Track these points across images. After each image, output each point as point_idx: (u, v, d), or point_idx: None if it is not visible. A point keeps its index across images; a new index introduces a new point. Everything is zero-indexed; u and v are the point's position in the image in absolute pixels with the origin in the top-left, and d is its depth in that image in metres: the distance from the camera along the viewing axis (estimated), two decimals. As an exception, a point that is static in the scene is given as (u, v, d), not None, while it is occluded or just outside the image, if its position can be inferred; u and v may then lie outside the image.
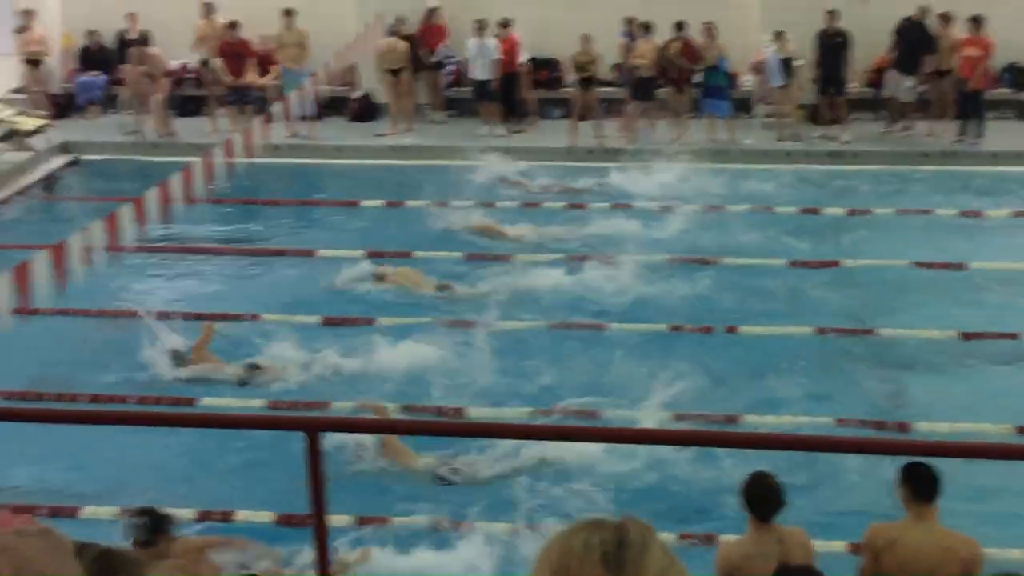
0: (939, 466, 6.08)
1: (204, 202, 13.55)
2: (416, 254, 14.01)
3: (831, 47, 18.14)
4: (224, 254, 14.19)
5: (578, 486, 8.78)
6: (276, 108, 16.15)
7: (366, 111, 19.98)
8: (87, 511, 8.83)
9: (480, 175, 16.90)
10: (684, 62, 18.10)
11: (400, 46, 18.87)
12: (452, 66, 19.91)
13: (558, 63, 20.03)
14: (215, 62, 19.03)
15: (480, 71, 18.71)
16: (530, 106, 19.52)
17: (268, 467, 9.18)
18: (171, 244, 14.25)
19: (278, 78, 19.03)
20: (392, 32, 18.94)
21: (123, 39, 20.01)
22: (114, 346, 11.64)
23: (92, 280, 10.46)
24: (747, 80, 19.55)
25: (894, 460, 6.45)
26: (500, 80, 18.76)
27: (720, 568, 6.21)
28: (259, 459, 9.35)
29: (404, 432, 9.42)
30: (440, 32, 19.72)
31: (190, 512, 8.48)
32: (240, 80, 18.92)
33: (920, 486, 6.11)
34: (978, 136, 18.03)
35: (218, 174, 12.06)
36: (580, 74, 18.39)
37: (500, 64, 18.59)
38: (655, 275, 13.25)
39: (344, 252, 14.15)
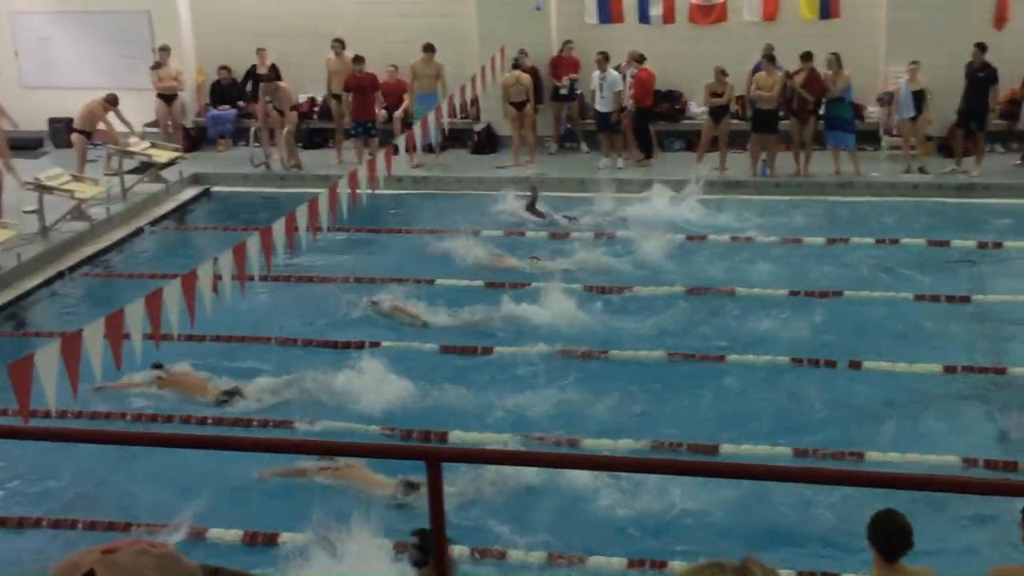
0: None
1: (329, 231, 13.78)
2: (532, 285, 14.07)
3: (977, 81, 17.70)
4: (346, 282, 14.39)
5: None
6: (400, 140, 16.38)
7: (488, 143, 20.18)
8: (213, 533, 9.04)
9: (601, 206, 16.92)
10: (807, 93, 17.86)
11: (524, 79, 19.04)
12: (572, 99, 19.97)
13: (680, 95, 19.98)
14: (344, 95, 19.43)
15: (602, 103, 18.75)
16: (652, 138, 19.50)
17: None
18: (296, 274, 14.54)
19: (408, 108, 19.42)
20: (516, 65, 19.12)
21: (253, 74, 20.56)
22: (241, 372, 11.90)
23: (220, 308, 10.72)
24: (872, 112, 19.23)
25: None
26: (633, 113, 18.81)
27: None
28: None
29: (523, 463, 9.43)
30: (572, 64, 19.73)
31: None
32: (367, 113, 19.30)
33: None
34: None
35: (343, 205, 12.25)
36: (712, 104, 18.30)
37: (620, 96, 18.62)
38: (776, 308, 13.08)
39: (464, 282, 14.27)
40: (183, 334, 9.71)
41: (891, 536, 5.97)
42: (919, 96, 17.84)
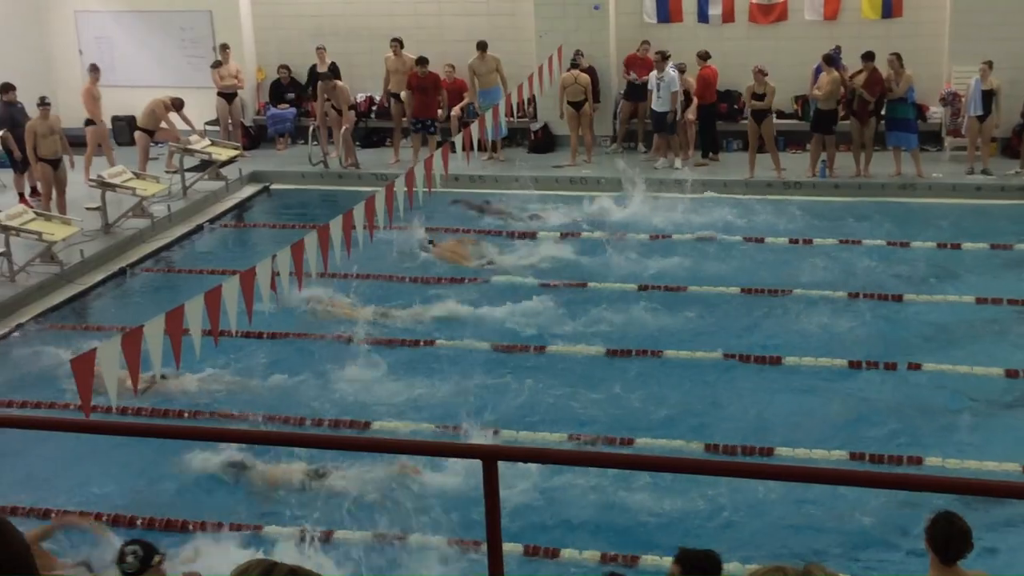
0: None
1: (385, 230, 13.84)
2: (590, 285, 14.06)
3: None
4: (402, 281, 14.47)
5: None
6: (457, 139, 16.44)
7: (545, 142, 20.18)
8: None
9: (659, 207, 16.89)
10: (866, 94, 17.65)
11: (582, 79, 19.02)
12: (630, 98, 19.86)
13: (738, 95, 19.85)
14: (405, 95, 19.52)
15: (659, 103, 18.66)
16: (717, 136, 19.43)
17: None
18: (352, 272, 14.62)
19: (466, 108, 19.51)
20: (574, 65, 19.09)
21: (312, 73, 20.71)
22: (300, 368, 12.00)
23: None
24: (935, 112, 18.99)
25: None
26: (697, 112, 18.73)
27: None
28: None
29: (580, 463, 9.42)
30: (648, 64, 19.47)
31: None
32: (428, 112, 19.40)
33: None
34: None
35: (400, 203, 12.33)
36: (753, 106, 18.15)
37: (676, 96, 18.51)
38: (837, 310, 12.97)
39: (518, 279, 14.30)
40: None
41: (949, 539, 5.88)
42: (989, 95, 17.57)
